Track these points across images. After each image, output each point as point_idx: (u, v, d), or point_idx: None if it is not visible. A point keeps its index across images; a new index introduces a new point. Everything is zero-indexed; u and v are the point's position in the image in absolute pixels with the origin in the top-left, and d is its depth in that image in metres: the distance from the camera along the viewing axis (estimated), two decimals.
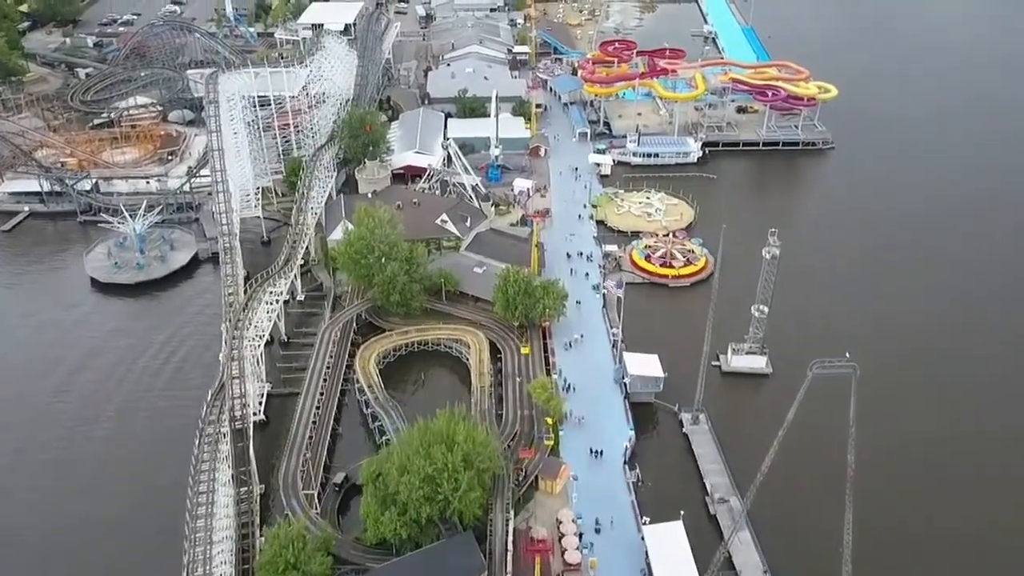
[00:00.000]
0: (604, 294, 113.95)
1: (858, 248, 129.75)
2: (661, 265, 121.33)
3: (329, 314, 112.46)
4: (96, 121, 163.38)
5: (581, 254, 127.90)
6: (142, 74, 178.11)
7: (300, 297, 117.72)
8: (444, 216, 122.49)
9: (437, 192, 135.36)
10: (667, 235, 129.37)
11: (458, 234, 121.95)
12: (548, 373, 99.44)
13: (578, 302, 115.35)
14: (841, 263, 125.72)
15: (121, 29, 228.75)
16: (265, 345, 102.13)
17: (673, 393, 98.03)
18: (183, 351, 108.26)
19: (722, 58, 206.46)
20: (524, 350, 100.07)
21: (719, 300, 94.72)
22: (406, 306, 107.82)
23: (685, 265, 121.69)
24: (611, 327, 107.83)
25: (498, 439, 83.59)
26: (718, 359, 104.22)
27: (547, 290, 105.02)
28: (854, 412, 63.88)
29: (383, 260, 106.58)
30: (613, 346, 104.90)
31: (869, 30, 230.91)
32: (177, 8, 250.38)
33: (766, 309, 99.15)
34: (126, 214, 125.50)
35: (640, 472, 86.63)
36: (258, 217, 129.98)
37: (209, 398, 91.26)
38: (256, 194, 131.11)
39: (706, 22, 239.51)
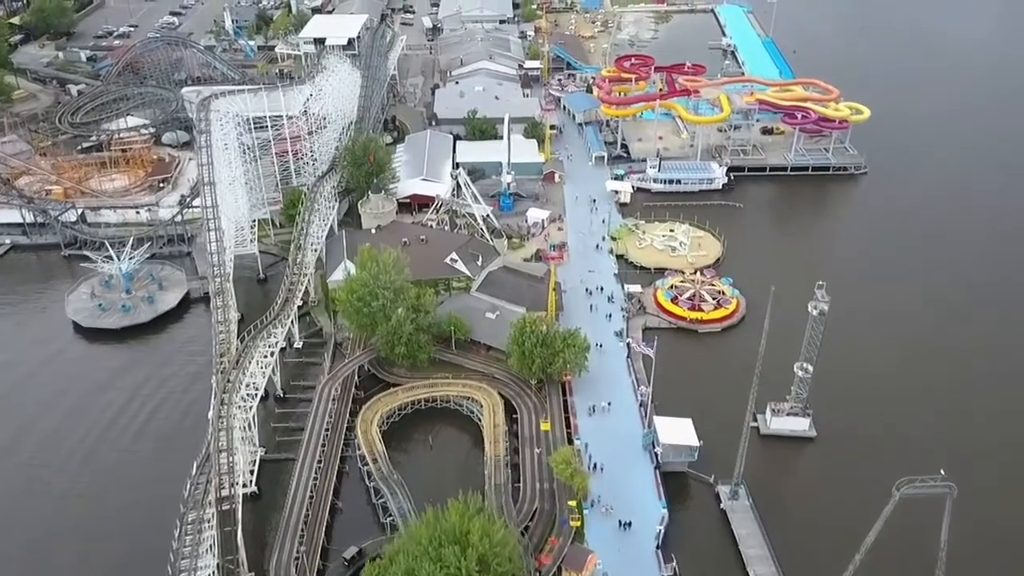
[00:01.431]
0: (629, 342, 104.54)
1: (905, 289, 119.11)
2: (689, 308, 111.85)
3: (329, 364, 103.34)
4: (85, 144, 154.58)
5: (602, 290, 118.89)
6: (135, 92, 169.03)
7: (298, 344, 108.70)
8: (454, 255, 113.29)
9: (446, 225, 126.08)
10: (694, 273, 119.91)
11: (468, 274, 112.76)
12: (570, 439, 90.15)
13: (599, 345, 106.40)
14: (887, 307, 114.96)
15: (116, 42, 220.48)
16: (260, 400, 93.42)
17: (708, 458, 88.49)
18: (168, 408, 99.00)
19: (743, 73, 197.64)
20: (544, 426, 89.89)
21: (752, 354, 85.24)
22: (412, 358, 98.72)
23: (716, 308, 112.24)
24: (638, 384, 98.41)
25: (516, 527, 74.29)
26: (755, 419, 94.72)
27: (567, 342, 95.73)
28: (946, 535, 54.40)
29: (387, 308, 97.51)
30: (640, 405, 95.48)
31: (895, 42, 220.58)
32: (175, 19, 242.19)
33: (811, 368, 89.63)
34: (112, 252, 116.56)
35: (676, 564, 76.88)
36: (254, 253, 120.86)
37: (194, 471, 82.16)
38: (252, 228, 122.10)
39: (724, 34, 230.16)
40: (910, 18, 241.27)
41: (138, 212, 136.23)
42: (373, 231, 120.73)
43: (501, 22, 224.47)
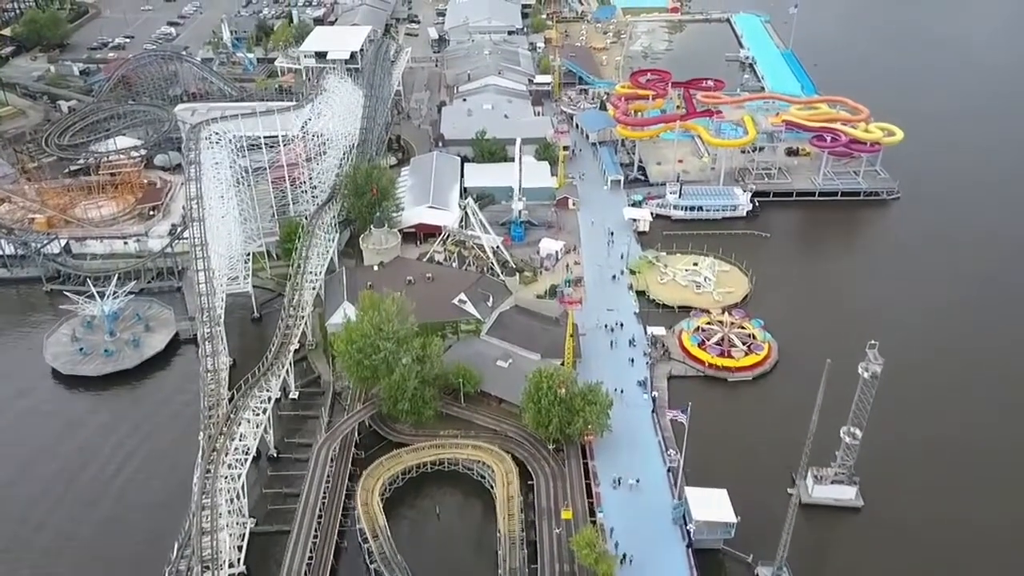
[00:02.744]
0: (655, 396, 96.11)
1: (955, 333, 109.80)
2: (719, 355, 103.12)
3: (327, 419, 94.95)
4: (72, 167, 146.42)
5: (622, 326, 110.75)
6: (127, 110, 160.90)
7: (293, 394, 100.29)
8: (462, 295, 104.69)
9: (454, 261, 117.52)
10: (722, 313, 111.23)
11: (478, 316, 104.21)
12: (591, 510, 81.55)
13: (620, 391, 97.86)
14: (938, 355, 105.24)
15: (111, 55, 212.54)
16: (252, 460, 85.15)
17: (745, 530, 79.64)
18: (150, 469, 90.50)
19: (763, 88, 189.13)
20: (565, 514, 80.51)
21: (787, 406, 76.56)
22: (417, 414, 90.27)
23: (747, 354, 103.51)
24: (665, 446, 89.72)
25: None
26: (793, 484, 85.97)
27: (587, 398, 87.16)
28: None
29: (390, 360, 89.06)
30: (668, 471, 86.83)
31: (924, 55, 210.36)
32: (173, 30, 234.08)
33: (859, 433, 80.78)
34: (94, 291, 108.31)
35: None
36: (247, 292, 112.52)
37: (174, 554, 73.86)
38: (246, 263, 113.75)
39: (741, 46, 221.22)
40: (938, 29, 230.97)
41: (126, 243, 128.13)
42: (375, 268, 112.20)
43: (509, 33, 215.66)
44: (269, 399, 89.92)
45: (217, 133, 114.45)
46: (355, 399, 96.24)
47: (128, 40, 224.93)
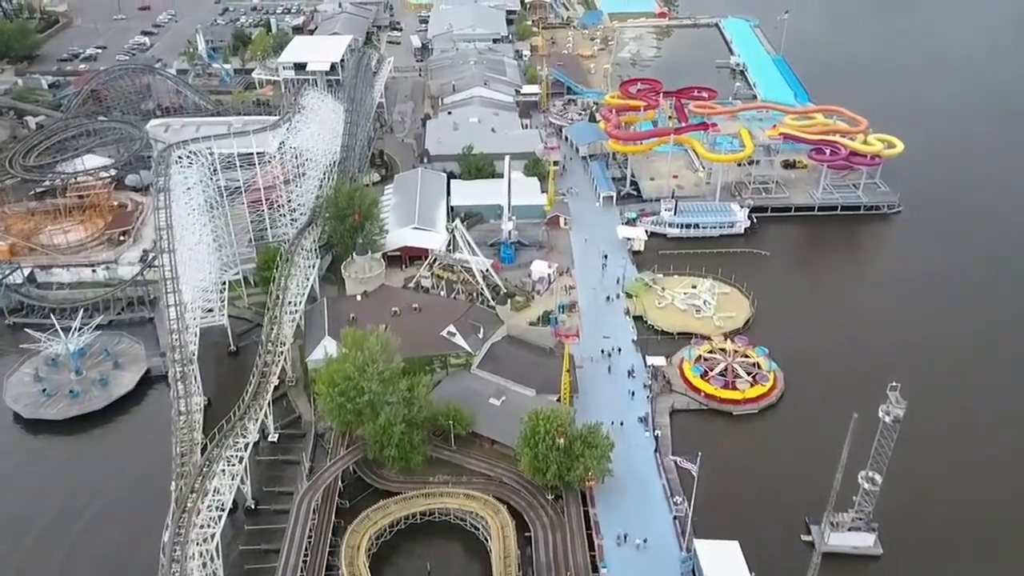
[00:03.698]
0: (658, 435, 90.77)
1: (967, 357, 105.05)
2: (723, 387, 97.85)
3: (309, 465, 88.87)
4: (38, 189, 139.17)
5: (620, 351, 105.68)
6: (97, 127, 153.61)
7: (272, 437, 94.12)
8: (451, 328, 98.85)
9: (441, 289, 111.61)
10: (724, 340, 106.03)
11: (468, 349, 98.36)
12: (594, 565, 76.01)
13: (620, 424, 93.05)
14: (952, 387, 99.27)
15: (82, 66, 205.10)
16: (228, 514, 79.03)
17: None
18: (116, 526, 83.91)
19: (755, 96, 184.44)
20: None
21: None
22: (405, 460, 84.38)
23: (752, 385, 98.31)
24: (671, 491, 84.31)
25: None
26: (808, 531, 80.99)
27: (587, 442, 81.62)
28: None
29: (375, 403, 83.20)
30: (675, 519, 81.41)
31: (921, 61, 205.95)
32: (147, 40, 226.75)
33: (879, 479, 75.61)
34: (58, 327, 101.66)
35: None
36: (223, 325, 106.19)
37: None
38: (221, 293, 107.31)
39: (731, 52, 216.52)
40: (935, 34, 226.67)
41: (94, 271, 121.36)
42: (359, 298, 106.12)
43: (495, 41, 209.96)
44: (246, 446, 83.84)
45: (189, 155, 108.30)
46: (338, 443, 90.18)
47: (100, 51, 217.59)
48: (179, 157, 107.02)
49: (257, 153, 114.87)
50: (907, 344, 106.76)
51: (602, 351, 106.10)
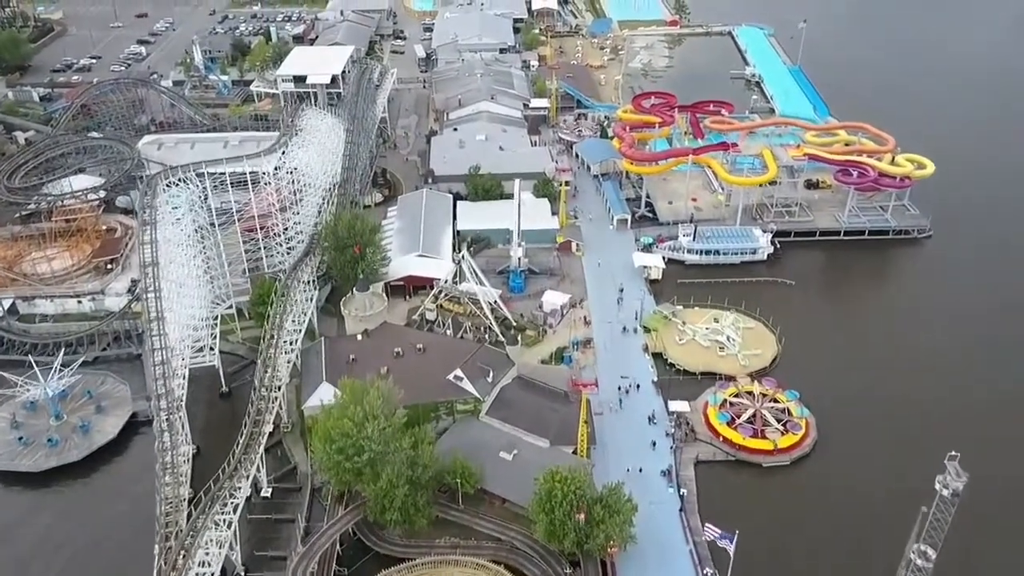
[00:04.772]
0: (683, 495, 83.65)
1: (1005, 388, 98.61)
2: (751, 436, 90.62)
3: (304, 524, 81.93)
4: (23, 212, 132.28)
5: (639, 387, 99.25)
6: (86, 145, 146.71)
7: (265, 491, 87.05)
8: (458, 371, 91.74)
9: (448, 327, 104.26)
10: (751, 382, 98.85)
11: (477, 395, 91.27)
12: None
13: (640, 470, 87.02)
14: (1001, 438, 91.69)
15: (75, 78, 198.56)
16: None
17: None
18: None
19: (773, 110, 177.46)
20: None
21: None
22: (408, 523, 77.39)
23: (784, 434, 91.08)
24: (699, 562, 77.03)
25: None
26: None
27: (609, 505, 74.56)
28: None
29: (376, 463, 76.21)
30: None
31: (946, 73, 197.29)
32: (143, 49, 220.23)
33: (932, 555, 68.31)
34: (37, 370, 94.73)
35: None
36: (215, 365, 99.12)
37: None
38: (212, 329, 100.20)
39: (746, 62, 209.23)
40: (962, 43, 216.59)
41: (80, 302, 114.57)
42: (359, 337, 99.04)
43: (501, 51, 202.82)
44: (235, 508, 76.95)
45: (178, 182, 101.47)
46: (336, 500, 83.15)
47: (94, 61, 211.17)
48: (168, 185, 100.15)
49: (251, 176, 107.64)
50: (948, 387, 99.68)
51: (619, 388, 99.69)
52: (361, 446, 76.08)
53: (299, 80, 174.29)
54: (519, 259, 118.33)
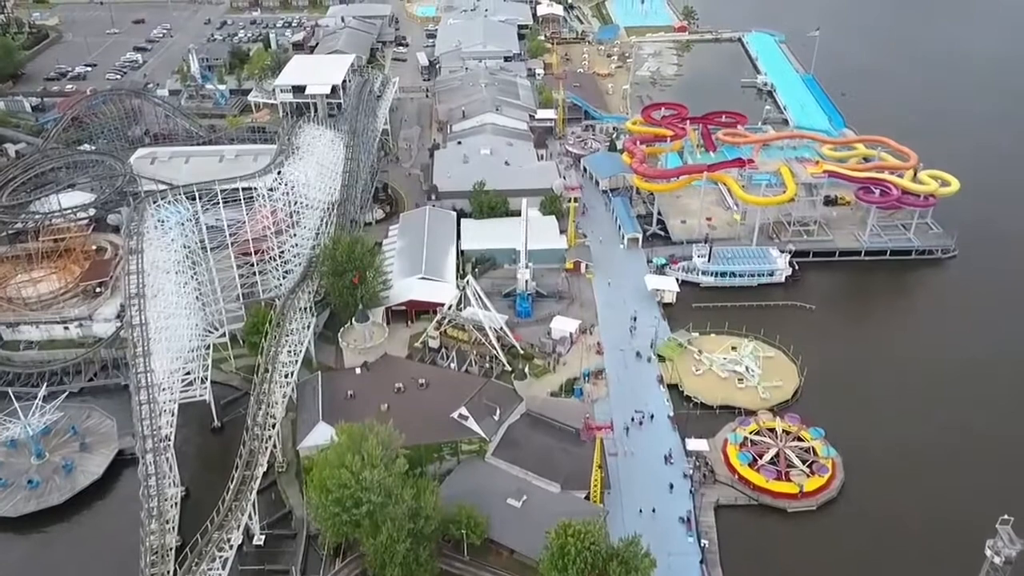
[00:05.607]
0: (704, 547, 78.29)
1: None
2: (775, 478, 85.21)
3: (299, 574, 76.71)
4: (9, 231, 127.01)
5: (652, 417, 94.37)
6: (76, 159, 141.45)
7: (258, 539, 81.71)
8: (463, 410, 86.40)
9: (452, 360, 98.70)
10: (773, 417, 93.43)
11: (483, 435, 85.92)
12: None
13: (653, 511, 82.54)
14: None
15: (69, 87, 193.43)
16: None
17: None
18: None
19: (786, 121, 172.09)
20: None
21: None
22: None
23: (809, 476, 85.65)
24: None
25: None
26: None
27: (625, 561, 69.19)
28: None
29: (375, 515, 70.97)
30: None
31: (968, 80, 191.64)
32: (139, 57, 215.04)
33: None
34: (17, 405, 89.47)
35: None
36: (205, 399, 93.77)
37: None
38: (204, 360, 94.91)
39: (757, 70, 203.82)
40: (985, 53, 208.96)
41: (67, 328, 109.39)
42: (358, 371, 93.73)
43: (506, 59, 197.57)
44: (225, 562, 71.80)
45: (168, 204, 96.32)
46: (333, 552, 77.89)
47: (89, 69, 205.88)
48: (157, 208, 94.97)
49: (245, 197, 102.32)
50: (986, 421, 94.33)
51: (632, 418, 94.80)
52: (359, 498, 70.85)
53: (298, 90, 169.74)
54: (526, 282, 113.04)
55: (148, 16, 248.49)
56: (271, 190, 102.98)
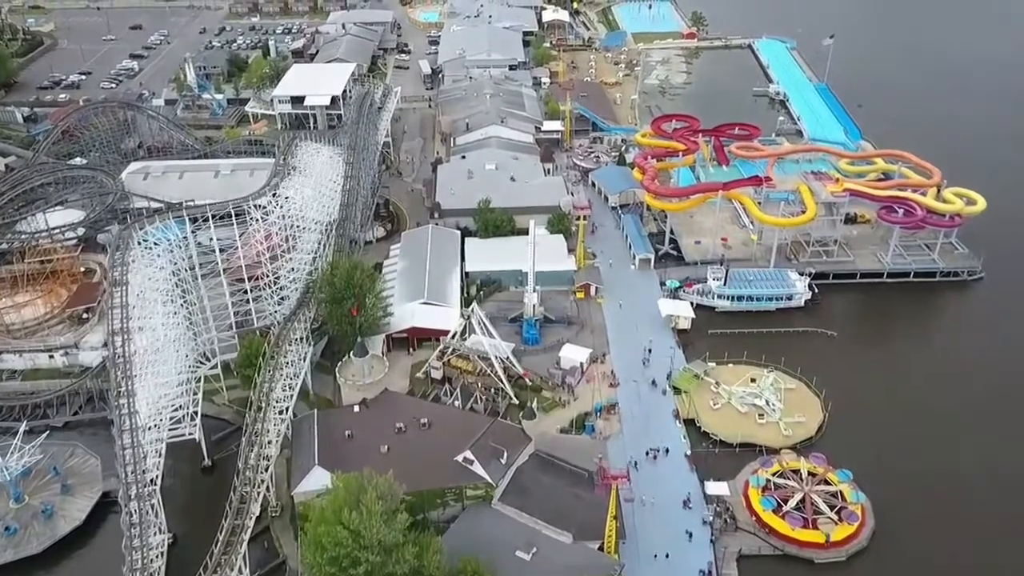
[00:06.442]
0: None
1: None
2: (801, 526, 79.83)
3: None
4: None
5: (667, 452, 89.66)
6: (68, 173, 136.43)
7: None
8: (468, 453, 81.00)
9: (456, 397, 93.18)
10: (796, 455, 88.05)
11: (489, 480, 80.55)
12: None
13: (667, 556, 77.77)
14: None
15: (62, 96, 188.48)
16: None
17: None
18: None
19: (800, 132, 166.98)
20: None
21: None
22: None
23: (838, 523, 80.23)
24: None
25: None
26: None
27: None
28: None
29: (374, 574, 65.70)
30: None
31: (994, 92, 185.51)
32: (135, 64, 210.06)
33: None
34: None
35: None
36: (195, 437, 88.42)
37: None
38: (194, 395, 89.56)
39: (769, 78, 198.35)
40: (1011, 64, 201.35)
41: (51, 356, 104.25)
42: (356, 408, 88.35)
43: (511, 67, 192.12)
44: None
45: (155, 231, 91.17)
46: None
47: (83, 77, 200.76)
48: (145, 235, 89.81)
49: (238, 222, 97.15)
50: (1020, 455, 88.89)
51: (646, 453, 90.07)
52: (357, 557, 65.52)
53: (297, 101, 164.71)
54: (534, 307, 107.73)
55: (145, 22, 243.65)
56: (266, 213, 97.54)
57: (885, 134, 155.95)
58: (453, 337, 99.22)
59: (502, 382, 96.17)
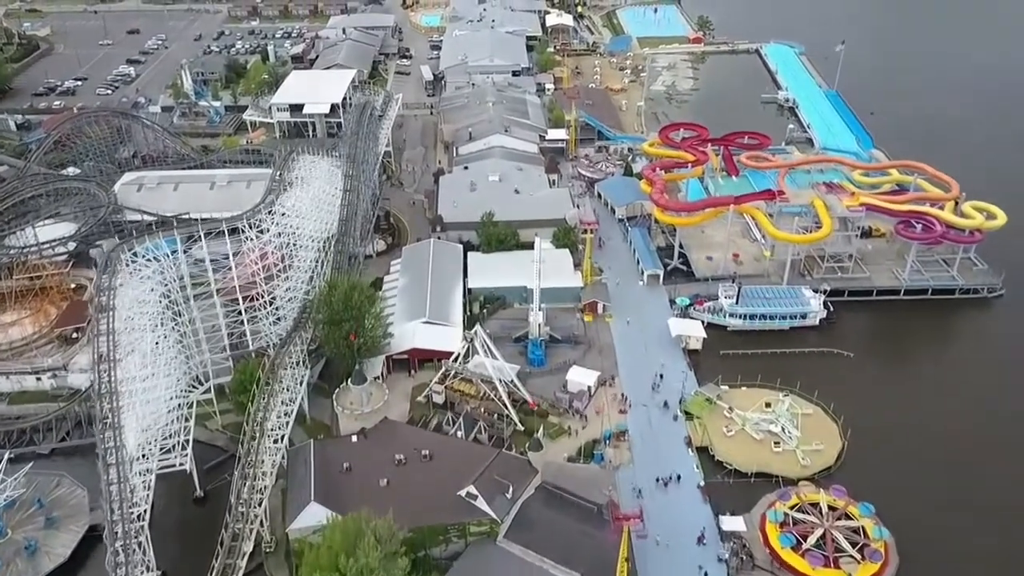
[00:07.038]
0: None
1: None
2: (822, 565, 75.83)
3: None
4: None
5: (680, 479, 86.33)
6: (59, 184, 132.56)
7: None
8: (471, 488, 77.04)
9: (460, 427, 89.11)
10: (815, 487, 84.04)
11: (493, 516, 76.63)
12: None
13: None
14: None
15: (57, 103, 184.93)
16: None
17: None
18: None
19: (811, 140, 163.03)
20: None
21: None
22: None
23: (861, 562, 76.25)
24: None
25: None
26: None
27: None
28: None
29: None
30: None
31: (1009, 101, 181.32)
32: (132, 70, 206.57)
33: None
34: None
35: None
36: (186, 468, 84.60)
37: None
38: (186, 421, 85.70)
39: (777, 84, 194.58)
40: (1020, 68, 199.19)
41: (39, 379, 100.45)
42: (354, 439, 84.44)
43: (514, 73, 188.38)
44: None
45: (145, 251, 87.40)
46: None
47: (79, 83, 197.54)
48: (134, 256, 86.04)
49: (232, 240, 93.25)
50: None
51: (657, 479, 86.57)
52: None
53: (296, 109, 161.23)
54: (539, 326, 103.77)
55: (143, 26, 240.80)
56: (261, 231, 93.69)
57: (898, 143, 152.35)
58: (455, 360, 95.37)
59: (507, 407, 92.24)
